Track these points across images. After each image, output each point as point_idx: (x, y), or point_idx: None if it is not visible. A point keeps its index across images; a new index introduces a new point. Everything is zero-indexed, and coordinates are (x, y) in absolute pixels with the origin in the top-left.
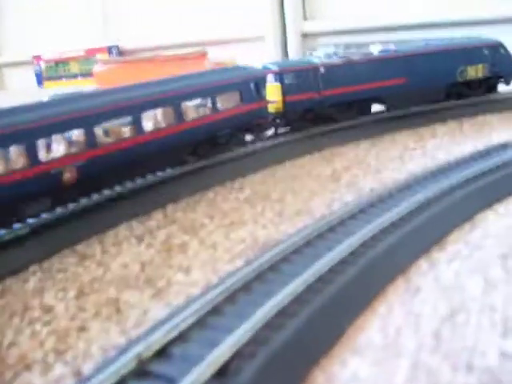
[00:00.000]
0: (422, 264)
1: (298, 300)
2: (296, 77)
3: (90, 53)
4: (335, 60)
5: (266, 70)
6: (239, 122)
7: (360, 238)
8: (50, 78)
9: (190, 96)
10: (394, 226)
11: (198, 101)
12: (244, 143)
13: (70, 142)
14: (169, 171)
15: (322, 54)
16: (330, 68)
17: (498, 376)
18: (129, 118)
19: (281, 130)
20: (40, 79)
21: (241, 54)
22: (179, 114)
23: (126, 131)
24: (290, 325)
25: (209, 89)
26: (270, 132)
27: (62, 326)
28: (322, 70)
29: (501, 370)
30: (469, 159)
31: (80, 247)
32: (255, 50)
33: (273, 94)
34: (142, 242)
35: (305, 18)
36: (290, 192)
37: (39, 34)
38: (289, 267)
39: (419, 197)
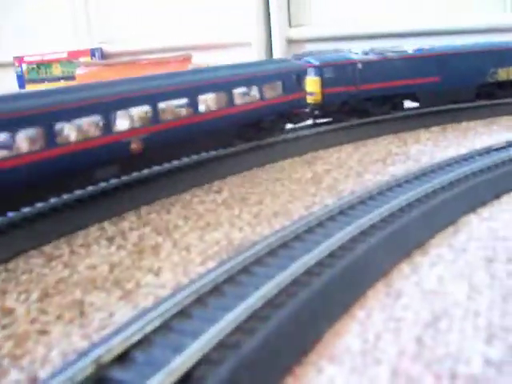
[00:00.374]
0: (404, 268)
1: (271, 304)
2: (335, 71)
3: (73, 55)
4: (372, 56)
5: (307, 63)
6: (281, 110)
7: (339, 240)
8: (31, 81)
9: (240, 83)
10: (374, 228)
11: (245, 88)
12: (284, 130)
13: (138, 117)
14: (144, 172)
15: (359, 51)
16: (367, 64)
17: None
18: (187, 99)
19: (319, 121)
20: (22, 81)
21: (226, 59)
22: (230, 99)
23: (184, 111)
24: (262, 329)
25: (256, 78)
26: (308, 122)
27: (21, 330)
28: (359, 65)
29: (485, 378)
30: (452, 163)
31: (47, 248)
32: (241, 55)
33: (312, 86)
34: (112, 244)
35: (290, 25)
36: (269, 195)
37: (21, 35)
38: (262, 269)
39: (401, 199)
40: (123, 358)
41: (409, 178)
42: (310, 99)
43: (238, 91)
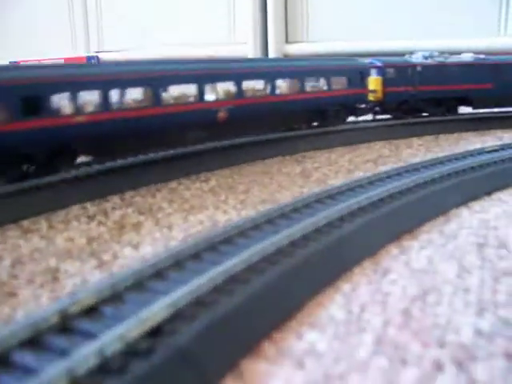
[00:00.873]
0: (392, 250)
1: (252, 269)
2: (396, 72)
3: (69, 62)
4: (431, 61)
5: (371, 63)
6: (344, 102)
7: (325, 218)
8: None
9: (311, 74)
10: (362, 210)
11: (315, 79)
12: (345, 121)
13: (224, 91)
14: (130, 159)
15: (420, 56)
16: (426, 67)
17: (473, 352)
18: (266, 81)
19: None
20: None
21: None
22: (302, 86)
23: (263, 91)
24: (240, 292)
25: (325, 71)
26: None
27: None
28: (419, 68)
29: (475, 347)
30: (444, 160)
31: (25, 223)
32: None
33: (375, 85)
34: (93, 221)
35: (287, 41)
36: (257, 185)
37: (19, 41)
38: (244, 241)
39: (389, 187)
40: (91, 311)
41: (400, 171)
42: (371, 96)
43: (309, 80)
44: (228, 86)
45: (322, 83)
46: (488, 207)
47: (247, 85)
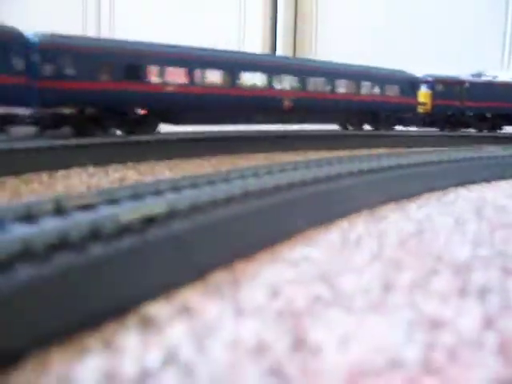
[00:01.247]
0: (391, 205)
1: (256, 194)
2: (445, 87)
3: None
4: (479, 79)
5: (422, 78)
6: (395, 108)
7: (327, 172)
8: None
9: (367, 78)
10: (361, 172)
11: (370, 84)
12: (393, 127)
13: (290, 84)
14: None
15: (469, 73)
16: (473, 84)
17: (470, 265)
18: (327, 80)
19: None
20: None
21: None
22: (358, 89)
23: (324, 88)
24: (241, 207)
25: (380, 77)
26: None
27: None
28: (466, 85)
29: (472, 263)
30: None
31: (25, 176)
32: None
33: (424, 98)
34: (93, 177)
35: (295, 55)
36: None
37: (26, 11)
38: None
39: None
40: (89, 206)
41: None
42: (420, 108)
43: (364, 84)
44: (294, 80)
45: (377, 89)
46: (486, 188)
47: (310, 81)
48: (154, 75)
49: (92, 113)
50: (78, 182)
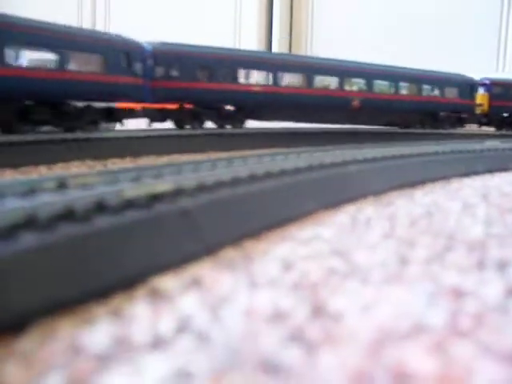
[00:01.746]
0: (395, 192)
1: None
2: (502, 89)
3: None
4: None
5: (480, 80)
6: (455, 109)
7: (336, 157)
8: None
9: (428, 81)
10: (365, 160)
11: (431, 86)
12: (455, 126)
13: (358, 85)
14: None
15: None
16: None
17: (484, 243)
18: (391, 82)
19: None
20: None
21: None
22: (420, 90)
23: (389, 90)
24: (247, 187)
25: (441, 80)
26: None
27: None
28: None
29: (487, 241)
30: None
31: (24, 168)
32: None
33: (482, 99)
34: (92, 168)
35: (290, 52)
36: None
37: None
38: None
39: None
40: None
41: None
42: (478, 109)
43: (426, 87)
44: (362, 83)
45: (437, 91)
46: (490, 178)
47: (376, 83)
48: (242, 77)
49: (191, 108)
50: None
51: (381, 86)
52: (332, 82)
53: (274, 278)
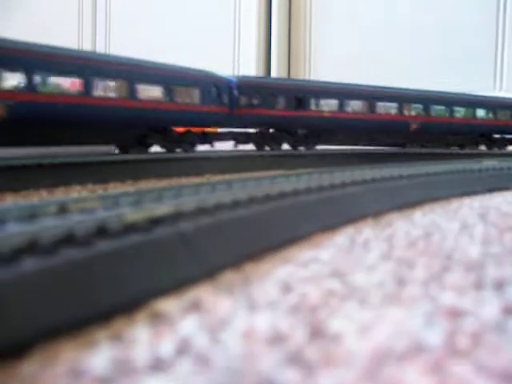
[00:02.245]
0: (394, 213)
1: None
2: None
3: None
4: None
5: None
6: (508, 131)
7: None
8: None
9: (481, 105)
10: (365, 181)
11: (485, 109)
12: (506, 146)
13: (416, 110)
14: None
15: None
16: None
17: (482, 262)
18: (447, 107)
19: None
20: None
21: None
22: (474, 114)
23: (444, 113)
24: (246, 210)
25: (494, 104)
26: None
27: None
28: None
29: (484, 260)
30: None
31: (24, 192)
32: None
33: None
34: (93, 192)
35: (289, 77)
36: None
37: (21, 25)
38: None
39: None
40: (92, 209)
41: None
42: None
43: (479, 110)
44: (419, 108)
45: (490, 114)
46: (489, 198)
47: (433, 108)
48: (313, 105)
49: (270, 132)
50: None
51: (437, 110)
52: (392, 107)
53: (273, 301)
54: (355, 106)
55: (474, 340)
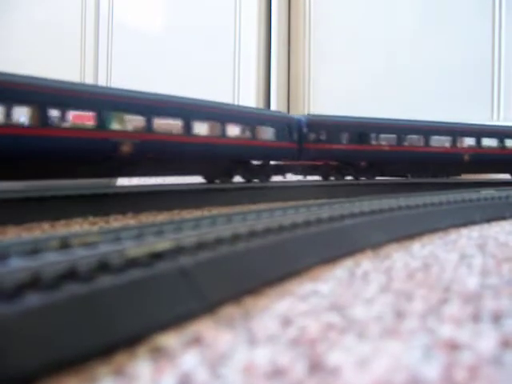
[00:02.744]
0: (393, 245)
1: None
2: None
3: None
4: None
5: None
6: None
7: (335, 211)
8: None
9: None
10: (362, 213)
11: None
12: None
13: (468, 143)
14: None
15: None
16: None
17: (480, 294)
18: (497, 140)
19: None
20: None
21: None
22: None
23: (495, 146)
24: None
25: None
26: None
27: None
28: None
29: (482, 292)
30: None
31: (26, 225)
32: None
33: None
34: (94, 225)
35: (288, 110)
36: None
37: (23, 55)
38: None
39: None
40: (92, 244)
41: None
42: None
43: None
44: (471, 140)
45: None
46: (487, 229)
47: (484, 140)
48: (373, 139)
49: (335, 164)
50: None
51: (488, 142)
52: (446, 140)
53: (273, 335)
54: (411, 139)
55: (472, 373)
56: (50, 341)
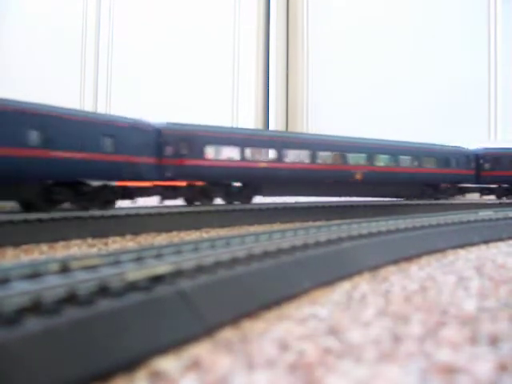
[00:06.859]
0: (391, 267)
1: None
2: None
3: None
4: None
5: None
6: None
7: (334, 233)
8: None
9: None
10: (361, 235)
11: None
12: None
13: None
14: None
15: None
16: None
17: (477, 317)
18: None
19: None
20: None
21: None
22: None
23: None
24: (244, 268)
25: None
26: None
27: None
28: None
29: (480, 315)
30: None
31: (25, 246)
32: None
33: None
34: (93, 247)
35: (286, 130)
36: None
37: (22, 80)
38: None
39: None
40: (93, 267)
41: None
42: None
43: None
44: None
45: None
46: (485, 250)
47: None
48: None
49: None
50: (77, 252)
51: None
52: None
53: (270, 359)
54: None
55: None
56: (49, 365)
